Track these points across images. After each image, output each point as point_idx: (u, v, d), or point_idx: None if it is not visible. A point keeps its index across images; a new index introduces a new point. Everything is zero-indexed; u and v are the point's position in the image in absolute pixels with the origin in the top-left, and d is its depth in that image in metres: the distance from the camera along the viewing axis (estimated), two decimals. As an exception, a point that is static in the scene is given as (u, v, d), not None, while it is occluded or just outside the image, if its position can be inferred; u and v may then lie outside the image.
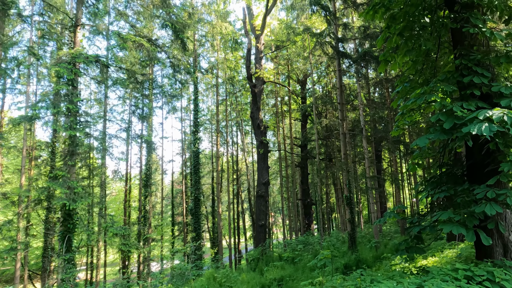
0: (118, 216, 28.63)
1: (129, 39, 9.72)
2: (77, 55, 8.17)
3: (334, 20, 13.74)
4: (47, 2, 11.33)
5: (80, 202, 8.04)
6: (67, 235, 8.16)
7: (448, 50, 6.03)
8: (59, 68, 7.83)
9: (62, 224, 8.45)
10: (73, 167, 8.81)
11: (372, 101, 21.37)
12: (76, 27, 9.31)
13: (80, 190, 8.22)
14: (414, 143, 4.70)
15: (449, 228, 4.42)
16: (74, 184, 8.18)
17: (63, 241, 8.11)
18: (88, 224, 10.48)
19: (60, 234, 8.40)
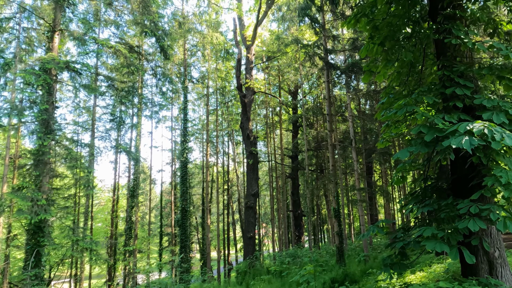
0: (105, 227, 28.00)
1: (105, 45, 9.55)
2: (48, 61, 7.94)
3: (323, 32, 13.78)
4: (23, 7, 11.13)
5: (44, 215, 7.66)
6: (36, 249, 7.77)
7: (432, 61, 5.96)
8: (24, 74, 7.58)
9: (32, 237, 8.07)
10: (43, 177, 8.46)
11: (362, 113, 21.41)
12: (54, 32, 9.12)
13: (44, 203, 7.86)
14: (395, 156, 4.55)
15: (433, 245, 4.24)
16: (38, 196, 7.83)
17: (31, 255, 7.71)
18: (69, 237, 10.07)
19: (29, 248, 8.02)
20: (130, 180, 22.89)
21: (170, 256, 25.60)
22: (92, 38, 9.44)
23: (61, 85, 22.46)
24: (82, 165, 9.59)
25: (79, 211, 24.70)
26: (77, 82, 9.99)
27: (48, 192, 8.72)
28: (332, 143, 13.65)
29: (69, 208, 20.07)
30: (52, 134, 8.47)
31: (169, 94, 26.34)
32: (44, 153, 8.31)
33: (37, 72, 7.82)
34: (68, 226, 10.05)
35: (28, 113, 8.71)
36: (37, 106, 8.70)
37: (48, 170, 8.60)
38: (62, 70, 8.33)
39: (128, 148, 18.22)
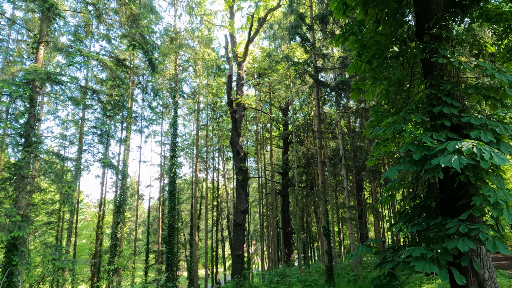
0: (90, 244, 27.15)
1: (90, 57, 9.45)
2: (30, 72, 7.77)
3: (314, 50, 13.97)
4: (13, 20, 11.04)
5: (18, 232, 7.30)
6: (9, 268, 7.34)
7: (420, 80, 6.02)
8: (2, 84, 7.37)
9: (6, 255, 7.65)
10: (20, 192, 8.14)
11: (352, 130, 21.57)
12: (39, 43, 8.99)
13: (19, 219, 7.51)
14: (384, 175, 4.49)
15: (422, 266, 4.14)
16: (12, 212, 7.48)
17: (3, 275, 7.27)
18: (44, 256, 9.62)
19: (2, 266, 7.58)
20: (116, 195, 22.40)
21: (156, 274, 24.86)
22: (77, 49, 9.33)
23: (49, 98, 22.18)
24: (65, 180, 9.30)
25: (63, 227, 23.96)
26: (64, 94, 9.83)
27: (24, 208, 8.37)
28: (322, 160, 13.62)
29: (52, 223, 19.44)
30: (31, 147, 8.22)
31: (159, 109, 26.24)
32: (20, 167, 8.02)
33: (17, 83, 7.63)
34: (45, 243, 9.62)
35: (8, 125, 8.43)
36: (17, 118, 8.45)
37: (25, 185, 8.29)
38: (44, 81, 8.15)
39: (113, 163, 17.88)
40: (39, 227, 11.32)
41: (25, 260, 7.86)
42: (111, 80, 11.03)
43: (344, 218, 25.50)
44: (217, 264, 28.92)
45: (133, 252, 26.64)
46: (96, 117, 21.98)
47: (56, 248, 9.15)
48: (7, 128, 8.45)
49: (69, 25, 11.08)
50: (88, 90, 10.83)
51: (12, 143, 8.48)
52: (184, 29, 21.79)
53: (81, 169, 21.43)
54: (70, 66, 9.75)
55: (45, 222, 18.00)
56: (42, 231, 11.57)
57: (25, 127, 8.34)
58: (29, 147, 8.36)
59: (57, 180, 9.08)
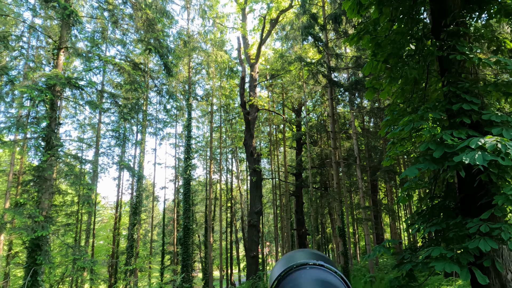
0: (107, 245, 27.65)
1: (109, 62, 9.68)
2: (51, 77, 8.03)
3: (327, 50, 13.91)
4: (33, 26, 11.42)
5: (41, 232, 7.54)
6: (33, 268, 7.60)
7: (437, 78, 5.94)
8: (26, 89, 7.65)
9: (30, 255, 7.92)
10: (43, 194, 8.39)
11: (366, 130, 21.34)
12: (59, 49, 9.28)
13: (42, 219, 7.75)
14: (403, 174, 4.45)
15: (442, 266, 4.08)
16: (36, 213, 7.73)
17: (27, 274, 7.54)
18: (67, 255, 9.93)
19: (26, 266, 7.86)
20: (133, 197, 22.77)
21: (172, 275, 25.11)
22: (96, 54, 9.59)
23: (67, 102, 22.77)
24: (84, 182, 9.55)
25: (81, 228, 24.49)
26: (82, 98, 10.11)
27: (47, 209, 8.63)
28: (336, 160, 13.54)
29: (71, 225, 19.90)
30: (53, 150, 8.48)
31: (173, 111, 26.55)
32: (43, 169, 8.28)
33: (39, 88, 7.89)
34: (66, 244, 9.90)
35: (30, 128, 8.74)
36: (39, 122, 8.74)
37: (48, 187, 8.55)
38: (64, 86, 8.41)
39: (130, 165, 18.22)
40: (59, 227, 11.64)
41: (48, 260, 8.10)
42: (128, 84, 11.30)
43: (359, 219, 25.22)
44: (231, 265, 29.01)
45: (149, 253, 27.00)
46: (113, 120, 22.43)
47: (78, 248, 9.39)
48: (28, 131, 8.75)
49: (86, 31, 11.39)
50: (105, 94, 11.10)
51: (35, 145, 8.76)
52: (197, 32, 22.04)
53: (99, 172, 21.90)
54: (89, 71, 10.02)
55: (64, 223, 18.45)
56: (64, 231, 11.89)
57: (47, 130, 8.62)
58: (50, 150, 8.62)
59: (77, 182, 9.34)
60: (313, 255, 0.60)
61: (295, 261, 0.58)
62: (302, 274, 0.55)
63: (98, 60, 9.65)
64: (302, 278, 0.53)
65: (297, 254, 0.62)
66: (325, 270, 0.56)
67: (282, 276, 0.57)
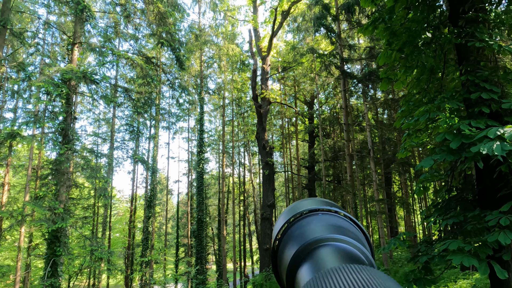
0: (123, 237, 28.24)
1: (122, 56, 9.78)
2: (66, 72, 8.18)
3: (339, 41, 13.69)
4: (48, 23, 11.60)
5: (61, 224, 7.75)
6: (52, 259, 7.85)
7: (454, 67, 5.77)
8: (43, 84, 7.80)
9: (49, 246, 8.18)
10: (61, 187, 8.60)
11: (380, 122, 21.02)
12: (73, 45, 9.43)
13: (61, 211, 7.96)
14: (419, 165, 4.36)
15: (460, 259, 4.00)
16: (55, 205, 7.94)
17: (47, 265, 7.80)
18: (84, 247, 10.22)
19: (46, 257, 8.13)
20: (147, 191, 23.12)
21: (186, 267, 25.50)
22: (109, 49, 9.70)
23: (82, 97, 23.16)
24: (100, 175, 9.74)
25: (98, 221, 25.05)
26: (96, 93, 10.28)
27: (65, 202, 8.87)
28: (350, 153, 13.39)
29: (88, 218, 20.40)
30: (70, 144, 8.66)
31: (185, 106, 26.71)
32: (61, 162, 8.47)
33: (55, 82, 8.05)
34: (84, 235, 10.17)
35: (47, 123, 8.95)
36: (56, 116, 8.94)
37: (65, 180, 8.77)
38: (80, 80, 8.56)
39: (144, 158, 18.49)
40: (77, 220, 11.99)
41: (67, 251, 8.34)
42: (141, 78, 11.40)
43: (373, 212, 24.97)
44: (245, 258, 29.23)
45: (164, 245, 27.45)
46: (126, 114, 22.73)
47: (95, 240, 9.64)
48: (45, 126, 8.97)
49: (99, 26, 11.52)
50: (119, 88, 11.25)
51: (53, 139, 8.97)
52: (208, 26, 22.00)
53: (114, 165, 22.29)
54: (103, 65, 10.16)
55: (81, 216, 18.91)
56: (81, 224, 12.23)
57: (63, 124, 8.81)
58: (67, 144, 8.82)
59: (93, 175, 9.54)
60: (324, 202, 0.54)
61: (305, 208, 0.52)
62: (314, 219, 0.49)
63: (112, 55, 9.76)
64: (314, 223, 0.48)
65: (305, 201, 0.55)
66: (340, 216, 0.51)
67: (291, 222, 0.51)
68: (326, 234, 0.44)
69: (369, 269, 0.32)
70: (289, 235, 0.49)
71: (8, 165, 17.70)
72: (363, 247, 0.44)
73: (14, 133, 8.54)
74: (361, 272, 0.31)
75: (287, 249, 0.46)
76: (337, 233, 0.44)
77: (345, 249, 0.42)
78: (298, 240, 0.45)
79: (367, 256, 0.43)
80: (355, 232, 0.47)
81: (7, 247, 21.74)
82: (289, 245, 0.46)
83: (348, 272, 0.31)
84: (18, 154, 24.56)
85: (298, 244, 0.44)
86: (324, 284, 0.31)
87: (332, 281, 0.31)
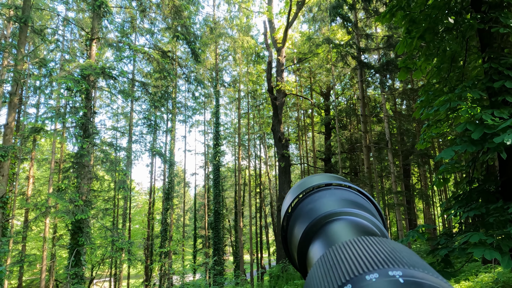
0: (142, 229, 28.95)
1: (139, 51, 9.91)
2: (85, 67, 8.38)
3: (356, 31, 13.41)
4: (67, 19, 11.86)
5: (81, 215, 8.03)
6: (75, 249, 8.17)
7: (477, 55, 5.57)
8: (64, 80, 8.02)
9: (72, 237, 8.50)
10: (82, 179, 8.89)
11: (398, 113, 20.58)
12: (92, 40, 9.63)
13: (82, 203, 8.23)
14: (439, 156, 4.26)
15: (481, 252, 3.90)
16: (76, 197, 8.21)
17: (71, 255, 8.12)
18: (106, 237, 10.57)
19: (70, 247, 8.45)
20: (165, 183, 23.53)
21: (204, 258, 25.95)
22: (126, 44, 9.85)
23: (101, 92, 23.65)
24: (119, 168, 9.99)
25: (118, 213, 25.74)
26: (114, 88, 10.49)
27: (86, 194, 9.17)
28: (367, 144, 13.20)
29: (108, 209, 20.99)
30: (90, 138, 8.90)
31: (201, 99, 26.88)
32: (82, 156, 8.73)
33: (76, 78, 8.26)
34: (105, 226, 10.50)
35: (69, 118, 9.22)
36: (77, 111, 9.21)
37: (86, 173, 9.04)
38: (98, 75, 8.76)
39: (162, 151, 18.82)
40: (98, 212, 12.39)
41: (89, 241, 8.65)
42: (157, 72, 11.52)
43: (391, 204, 24.63)
44: (261, 249, 29.47)
45: (182, 236, 27.96)
46: (144, 108, 23.09)
47: (116, 231, 9.95)
48: (67, 121, 9.24)
49: (116, 22, 11.70)
50: (136, 83, 11.43)
51: (74, 134, 9.27)
52: (223, 18, 21.94)
53: (132, 158, 22.76)
54: (121, 60, 10.35)
55: (102, 208, 19.48)
56: (102, 215, 12.64)
57: (84, 119, 9.07)
58: (88, 138, 9.08)
59: (112, 168, 9.79)
60: (335, 177, 0.51)
61: (315, 183, 0.49)
62: (325, 194, 0.46)
63: (128, 50, 9.92)
64: (325, 198, 0.45)
65: (316, 176, 0.52)
66: (352, 191, 0.48)
67: (301, 197, 0.48)
68: (339, 208, 0.42)
69: (386, 240, 0.31)
70: (299, 210, 0.47)
71: (32, 159, 18.36)
72: (376, 221, 0.42)
73: (37, 128, 8.83)
74: (379, 243, 0.29)
75: (297, 225, 0.44)
76: (350, 207, 0.42)
77: (358, 222, 0.40)
78: (309, 215, 0.43)
79: (381, 229, 0.42)
80: (368, 207, 0.45)
81: (33, 238, 22.67)
82: (300, 220, 0.44)
83: (364, 244, 0.29)
84: (41, 148, 25.42)
85: (309, 219, 0.42)
86: (338, 258, 0.29)
87: (347, 253, 0.29)
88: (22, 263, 13.71)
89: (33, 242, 24.01)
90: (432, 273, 0.25)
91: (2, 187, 8.69)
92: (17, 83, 9.42)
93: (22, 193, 19.44)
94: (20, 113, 18.23)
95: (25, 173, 22.14)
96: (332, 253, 0.30)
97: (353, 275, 0.26)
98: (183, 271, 15.60)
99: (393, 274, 0.24)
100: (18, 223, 22.71)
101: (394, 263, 0.25)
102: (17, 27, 10.82)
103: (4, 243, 8.53)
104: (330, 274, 0.28)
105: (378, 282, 0.24)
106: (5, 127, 9.37)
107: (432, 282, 0.23)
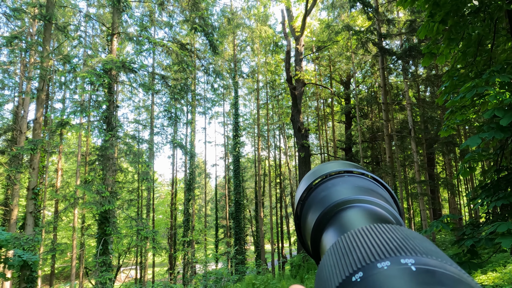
0: (166, 219, 29.72)
1: (158, 44, 10.04)
2: (107, 62, 8.59)
3: (377, 16, 13.02)
4: (88, 15, 12.15)
5: (108, 206, 8.36)
6: (103, 238, 8.54)
7: (506, 37, 5.31)
8: (87, 74, 8.26)
9: (99, 227, 8.88)
10: (107, 171, 9.21)
11: (422, 100, 19.96)
12: (112, 35, 9.84)
13: (108, 194, 8.55)
14: (464, 144, 4.13)
15: (510, 242, 3.79)
16: (102, 189, 8.53)
17: (98, 244, 8.50)
18: (131, 227, 10.99)
19: (97, 236, 8.84)
20: (186, 174, 23.97)
21: (225, 247, 26.41)
22: (145, 37, 10.02)
23: (123, 86, 24.19)
24: (142, 160, 10.29)
25: (142, 204, 26.51)
26: (135, 81, 10.72)
27: (111, 185, 9.52)
28: (389, 133, 12.92)
29: (133, 200, 21.63)
30: (113, 131, 9.19)
31: (220, 90, 27.00)
32: (106, 148, 9.04)
33: (98, 73, 8.51)
34: (130, 216, 10.89)
35: (92, 112, 9.55)
36: (100, 105, 9.53)
37: (111, 165, 9.36)
38: (119, 69, 8.98)
39: (182, 143, 19.16)
40: (123, 202, 12.85)
41: (116, 230, 9.01)
42: (177, 64, 11.66)
43: (414, 194, 24.11)
44: (282, 239, 29.65)
45: (204, 226, 28.51)
46: (164, 101, 23.46)
47: (141, 220, 10.29)
48: (91, 115, 9.57)
49: (135, 16, 11.88)
50: (156, 76, 11.63)
51: (98, 127, 9.60)
52: (240, 8, 21.80)
53: (154, 151, 23.27)
54: (140, 54, 10.55)
55: (127, 199, 20.10)
56: (127, 206, 13.08)
57: (107, 112, 9.36)
58: (111, 131, 9.37)
59: (136, 160, 10.09)
60: (349, 164, 0.50)
61: (330, 170, 0.48)
62: (340, 181, 0.46)
63: (148, 43, 10.08)
64: (339, 185, 0.45)
65: (330, 164, 0.51)
66: (367, 178, 0.47)
67: (315, 185, 0.48)
68: (352, 195, 0.42)
69: (399, 228, 0.30)
70: (313, 197, 0.46)
71: (60, 152, 19.10)
72: (392, 209, 0.42)
73: (64, 122, 9.19)
74: (392, 230, 0.29)
75: (311, 212, 0.44)
76: (364, 194, 0.42)
77: (372, 210, 0.40)
78: (323, 202, 0.43)
79: (396, 217, 0.42)
80: (383, 194, 0.45)
81: (63, 227, 23.74)
82: (314, 208, 0.44)
83: (377, 231, 0.29)
84: (68, 142, 26.40)
85: (323, 206, 0.42)
86: (350, 245, 0.29)
87: (359, 241, 0.28)
88: (54, 251, 14.47)
89: (63, 232, 25.16)
90: (446, 261, 0.25)
91: (33, 179, 9.15)
92: (44, 80, 9.80)
93: (51, 185, 20.32)
94: (47, 108, 18.94)
95: (53, 166, 23.08)
96: (344, 241, 0.30)
97: (365, 262, 0.25)
98: (205, 260, 15.95)
99: (405, 262, 0.24)
100: (49, 214, 23.83)
101: (406, 251, 0.25)
102: (41, 24, 11.21)
103: (37, 232, 9.03)
104: (342, 262, 0.28)
105: (390, 270, 0.24)
106: (34, 122, 9.82)
107: (446, 269, 0.23)
